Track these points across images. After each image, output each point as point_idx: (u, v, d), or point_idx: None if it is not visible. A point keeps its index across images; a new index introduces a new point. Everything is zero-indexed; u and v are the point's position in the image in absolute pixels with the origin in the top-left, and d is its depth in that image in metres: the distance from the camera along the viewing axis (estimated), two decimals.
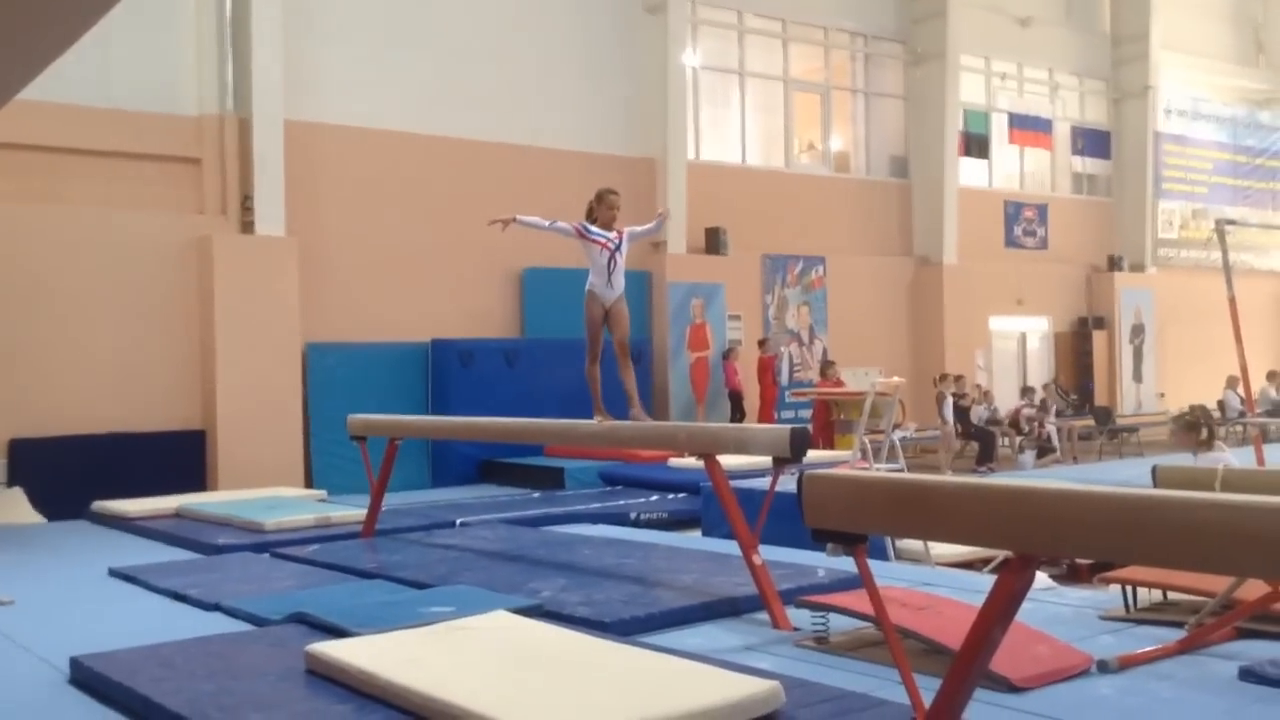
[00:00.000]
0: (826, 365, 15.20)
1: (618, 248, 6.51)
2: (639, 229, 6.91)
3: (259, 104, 11.44)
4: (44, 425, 10.39)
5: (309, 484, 11.29)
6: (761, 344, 15.07)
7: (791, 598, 4.95)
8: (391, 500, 8.51)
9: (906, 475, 3.59)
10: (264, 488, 10.16)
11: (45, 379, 10.49)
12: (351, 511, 8.37)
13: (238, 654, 4.44)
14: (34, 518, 9.55)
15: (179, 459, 10.91)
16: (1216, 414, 13.99)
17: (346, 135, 12.31)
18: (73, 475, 10.05)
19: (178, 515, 8.94)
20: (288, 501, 9.13)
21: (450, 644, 4.13)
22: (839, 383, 14.46)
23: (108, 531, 8.80)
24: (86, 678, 4.28)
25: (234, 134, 11.56)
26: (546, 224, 6.65)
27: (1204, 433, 6.77)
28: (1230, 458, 6.89)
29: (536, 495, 10.68)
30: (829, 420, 13.32)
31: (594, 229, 6.52)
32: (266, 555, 7.16)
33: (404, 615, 4.77)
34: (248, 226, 11.54)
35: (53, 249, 10.62)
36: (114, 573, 6.65)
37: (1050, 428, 16.52)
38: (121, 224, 10.98)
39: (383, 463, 7.57)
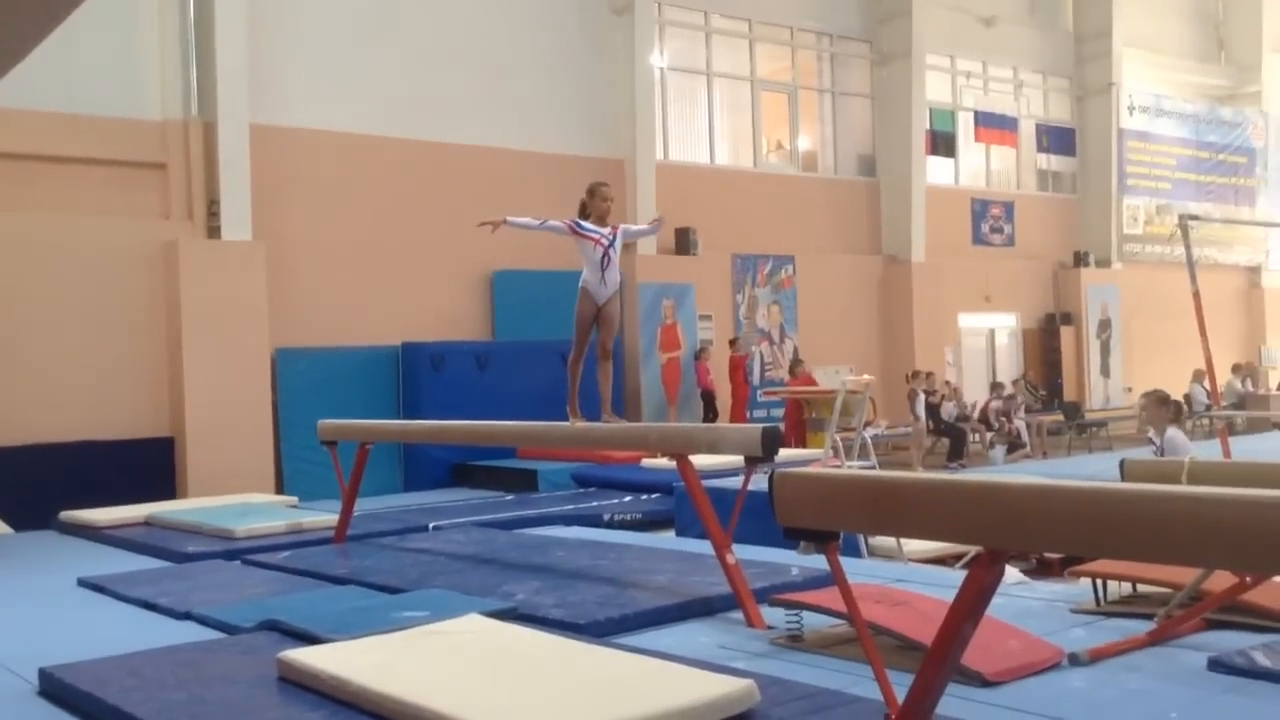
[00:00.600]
0: (795, 364, 15.27)
1: (611, 244, 6.38)
2: (634, 228, 6.91)
3: (224, 108, 11.35)
4: (10, 434, 10.26)
5: (280, 490, 11.23)
6: (732, 343, 15.10)
7: (765, 596, 4.96)
8: (363, 505, 8.47)
9: (878, 473, 3.61)
10: (234, 494, 10.08)
11: (11, 387, 10.36)
12: (323, 517, 8.31)
13: (209, 662, 4.41)
14: (1, 528, 9.43)
15: (148, 467, 10.81)
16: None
17: (313, 138, 12.24)
18: (40, 484, 9.93)
19: (147, 523, 8.85)
20: (258, 508, 9.07)
21: (424, 649, 4.12)
22: (809, 380, 14.51)
23: (76, 541, 8.70)
24: (56, 689, 4.23)
25: (199, 138, 11.47)
26: (537, 223, 6.55)
27: (1173, 409, 6.89)
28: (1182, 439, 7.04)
29: (509, 498, 10.65)
30: (801, 419, 13.37)
31: (587, 225, 6.41)
32: (237, 563, 7.11)
33: (377, 620, 4.75)
34: (214, 231, 11.45)
35: (17, 256, 10.50)
36: (83, 582, 6.58)
37: (1020, 423, 16.64)
38: (87, 230, 10.87)
39: (354, 468, 7.53)
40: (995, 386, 17.27)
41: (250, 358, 11.37)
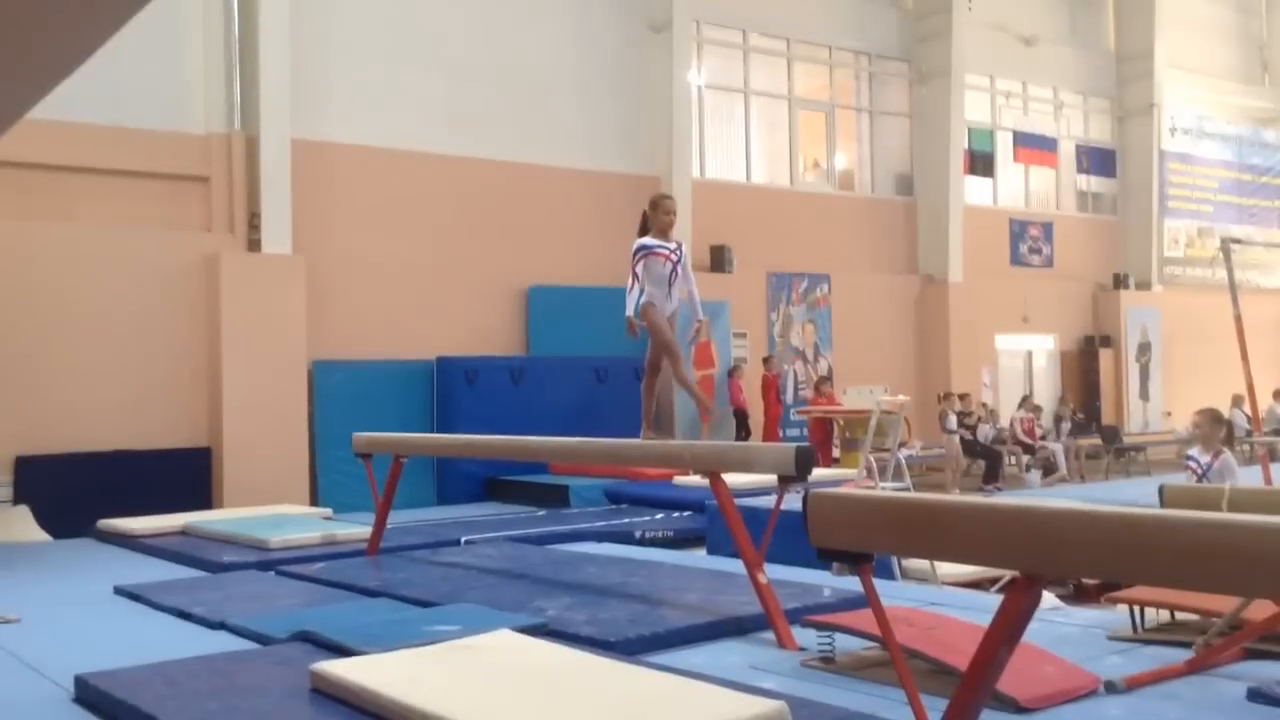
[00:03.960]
0: (821, 382, 15.21)
1: (680, 259, 6.31)
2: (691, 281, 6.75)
3: (266, 122, 11.49)
4: (50, 443, 10.41)
5: (314, 502, 11.29)
6: (766, 362, 15.07)
7: (797, 617, 4.93)
8: (397, 518, 8.49)
9: (912, 494, 3.58)
10: (269, 505, 10.14)
11: (51, 396, 10.51)
12: (357, 529, 8.35)
13: (242, 672, 4.43)
14: (40, 535, 9.55)
15: (184, 476, 10.92)
16: None
17: (353, 154, 12.36)
18: (78, 493, 10.06)
19: (183, 533, 8.92)
20: (293, 519, 9.12)
21: (455, 663, 4.12)
22: (832, 400, 14.45)
23: (113, 549, 8.78)
24: (91, 696, 4.27)
25: (241, 152, 11.61)
26: (638, 286, 6.45)
27: (1225, 430, 6.76)
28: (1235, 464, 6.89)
29: (541, 513, 10.65)
30: (827, 437, 13.31)
31: (653, 241, 6.30)
32: (272, 573, 7.14)
33: (409, 634, 4.75)
34: (254, 244, 11.57)
35: (60, 267, 10.66)
36: (119, 590, 6.63)
37: (1056, 447, 16.50)
38: (129, 242, 11.02)
39: (388, 480, 7.56)
40: (1024, 401, 17.14)
41: (287, 370, 11.47)
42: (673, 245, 6.32)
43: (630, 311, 6.62)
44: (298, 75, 11.79)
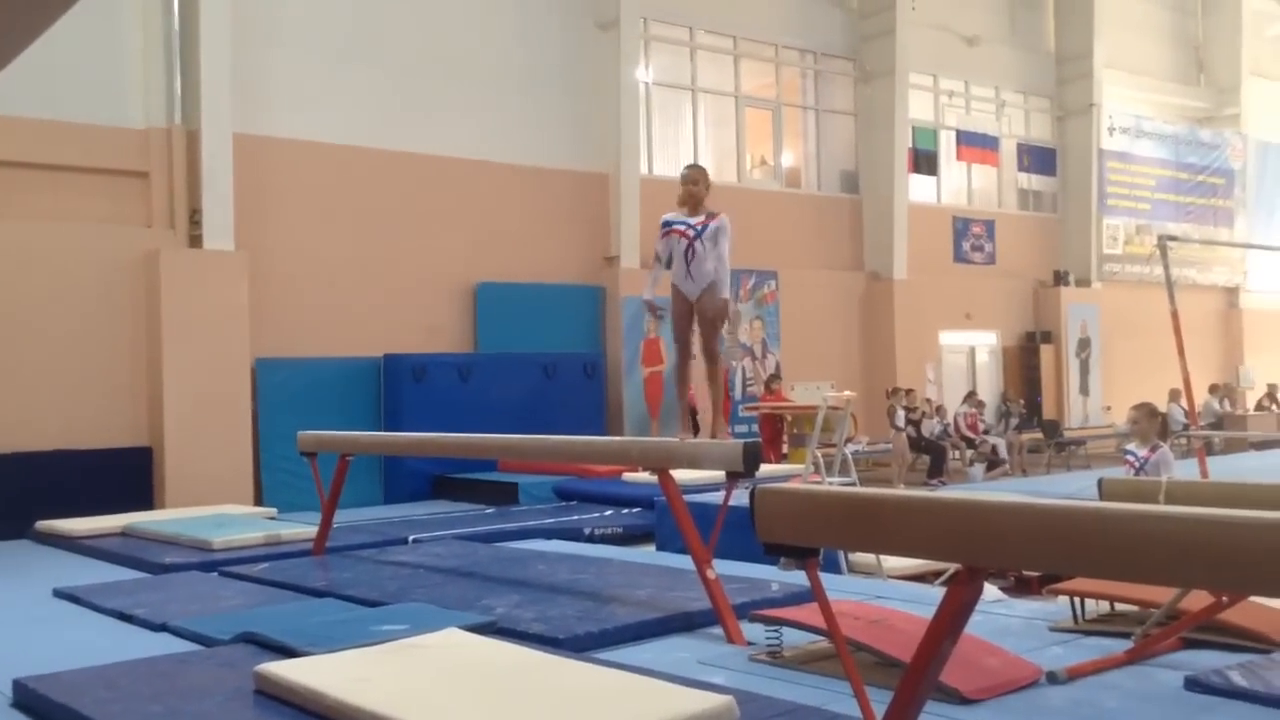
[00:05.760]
0: (771, 379, 15.29)
1: (699, 234, 5.86)
2: (726, 236, 6.08)
3: (207, 116, 11.31)
4: None
5: (259, 501, 11.16)
6: None
7: (745, 612, 4.96)
8: (343, 517, 8.43)
9: (858, 489, 3.62)
10: (212, 505, 10.03)
11: None
12: (302, 529, 8.28)
13: (185, 674, 4.38)
14: None
15: (125, 476, 10.74)
16: None
17: (296, 149, 12.22)
18: (16, 493, 9.86)
19: (124, 534, 8.79)
20: (236, 519, 9.01)
21: (402, 663, 4.10)
22: (781, 397, 14.54)
23: (52, 551, 8.64)
24: (30, 700, 4.20)
25: (182, 147, 11.43)
26: (657, 268, 6.12)
27: (1161, 423, 6.90)
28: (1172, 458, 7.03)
29: (490, 511, 10.62)
30: (777, 434, 13.39)
31: (673, 216, 5.95)
32: (215, 574, 7.07)
33: (355, 634, 4.72)
34: (196, 240, 11.41)
35: None
36: (59, 593, 6.53)
37: (999, 441, 16.74)
38: (67, 238, 10.82)
39: (334, 479, 7.50)
40: (969, 396, 17.37)
41: (230, 367, 11.32)
42: (694, 220, 5.88)
43: (645, 294, 6.26)
44: (239, 68, 11.62)
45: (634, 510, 9.87)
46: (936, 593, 5.30)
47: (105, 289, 10.98)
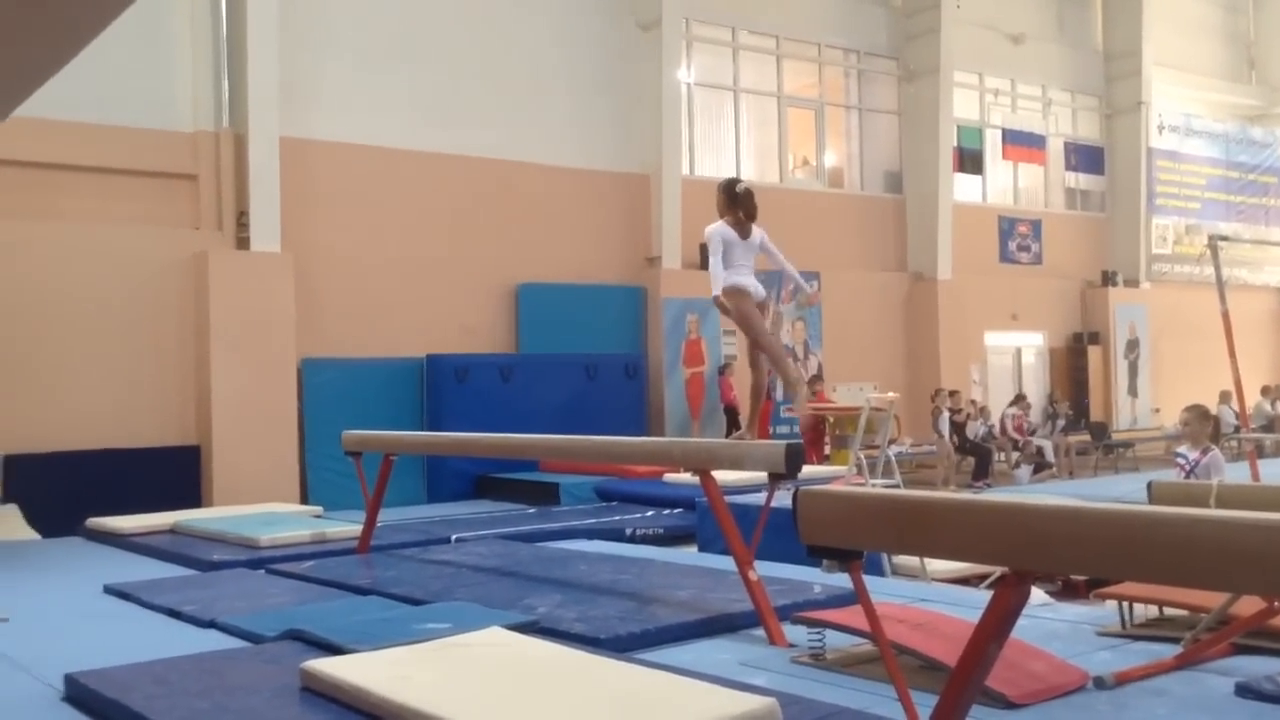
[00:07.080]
0: (814, 380, 15.22)
1: (759, 244, 6.16)
2: (778, 254, 6.37)
3: (254, 120, 11.46)
4: (39, 441, 10.37)
5: (304, 500, 11.27)
6: None
7: (787, 614, 4.94)
8: (387, 516, 8.48)
9: (902, 491, 3.59)
10: (259, 504, 10.12)
11: (40, 395, 10.48)
12: (347, 527, 8.34)
13: (232, 671, 4.42)
14: (29, 534, 9.50)
15: (174, 475, 10.89)
16: None
17: (341, 151, 12.34)
18: (67, 491, 10.03)
19: (172, 531, 8.90)
20: (283, 517, 9.10)
21: (445, 661, 4.12)
22: (822, 398, 14.47)
23: (102, 548, 8.76)
24: (81, 695, 4.26)
25: (230, 150, 11.59)
26: (721, 265, 6.17)
27: (1213, 426, 6.78)
28: (1223, 461, 6.91)
29: (532, 511, 10.66)
30: (819, 436, 13.33)
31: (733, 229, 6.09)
32: (262, 571, 7.13)
33: (399, 632, 4.75)
34: (243, 242, 11.55)
35: (48, 265, 10.63)
36: (109, 589, 6.62)
37: (1045, 443, 16.56)
38: (117, 240, 10.99)
39: (378, 478, 7.55)
40: (1017, 399, 17.19)
41: (276, 368, 11.45)
42: (755, 233, 6.12)
43: (716, 290, 6.24)
44: (285, 73, 11.76)
45: (675, 511, 9.86)
46: (981, 596, 5.26)
47: (154, 290, 11.14)
